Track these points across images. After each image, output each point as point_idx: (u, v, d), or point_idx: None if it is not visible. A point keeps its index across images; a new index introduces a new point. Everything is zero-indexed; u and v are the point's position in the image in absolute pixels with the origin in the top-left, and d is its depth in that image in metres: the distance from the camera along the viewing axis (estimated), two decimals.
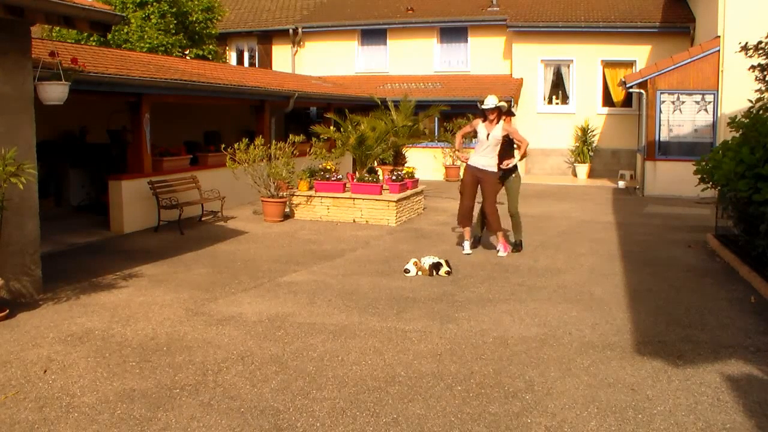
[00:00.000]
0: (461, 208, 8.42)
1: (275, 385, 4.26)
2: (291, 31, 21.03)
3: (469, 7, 20.42)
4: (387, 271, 7.45)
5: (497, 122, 8.17)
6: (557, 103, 19.28)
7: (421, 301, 6.23)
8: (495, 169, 8.27)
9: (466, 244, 8.47)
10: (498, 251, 8.34)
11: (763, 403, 4.00)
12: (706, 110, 14.44)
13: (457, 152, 8.66)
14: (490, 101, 8.17)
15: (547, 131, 18.94)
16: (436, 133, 18.34)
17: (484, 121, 8.26)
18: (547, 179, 18.11)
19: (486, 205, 8.32)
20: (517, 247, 8.60)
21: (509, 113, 8.83)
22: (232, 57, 22.30)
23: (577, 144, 18.62)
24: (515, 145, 8.55)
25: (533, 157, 19.23)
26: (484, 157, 8.24)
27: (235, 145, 10.91)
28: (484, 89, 18.07)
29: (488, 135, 8.18)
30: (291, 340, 5.11)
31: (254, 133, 12.51)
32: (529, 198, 14.26)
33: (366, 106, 16.28)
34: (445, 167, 18.25)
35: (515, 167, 8.59)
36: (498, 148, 8.22)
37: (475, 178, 8.30)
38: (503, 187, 8.60)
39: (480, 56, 19.88)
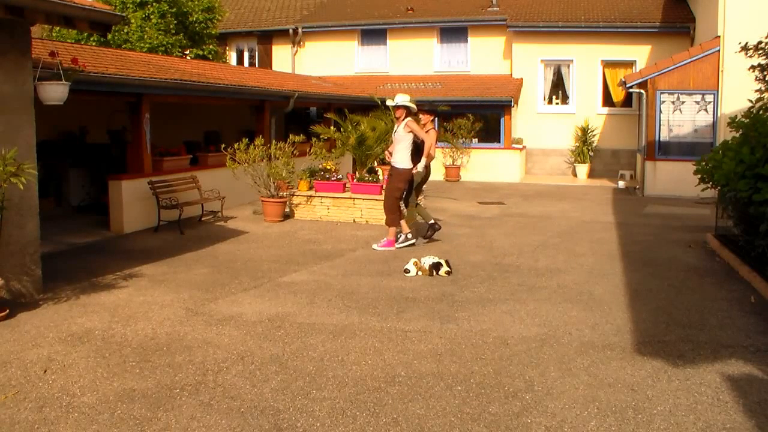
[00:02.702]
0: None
1: (275, 385, 4.26)
2: (291, 31, 21.03)
3: (469, 7, 20.43)
4: (387, 271, 7.45)
5: (402, 120, 8.49)
6: (557, 103, 19.28)
7: (421, 301, 6.23)
8: (402, 166, 8.56)
9: (401, 237, 8.69)
10: (376, 244, 8.65)
11: (763, 403, 4.00)
12: (706, 110, 14.44)
13: (387, 152, 9.07)
14: (398, 99, 8.53)
15: (547, 131, 18.95)
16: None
17: (397, 119, 8.69)
18: (547, 179, 18.12)
19: (384, 198, 8.68)
20: (432, 228, 8.94)
21: (429, 111, 9.05)
22: (232, 57, 22.30)
23: (577, 144, 18.63)
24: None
25: (533, 157, 19.25)
26: (394, 154, 8.61)
27: (235, 145, 10.91)
28: (485, 89, 18.11)
29: (395, 132, 8.62)
30: (291, 340, 5.11)
31: (254, 133, 12.51)
32: (529, 198, 14.28)
33: (366, 106, 16.26)
34: (445, 167, 18.25)
35: (428, 166, 8.96)
36: (404, 144, 8.50)
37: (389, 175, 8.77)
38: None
39: (480, 56, 19.88)
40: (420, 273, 7.23)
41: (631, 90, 15.19)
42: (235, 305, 6.03)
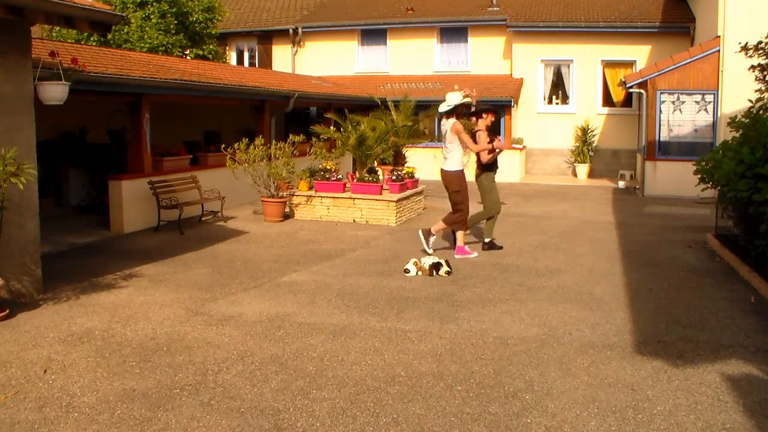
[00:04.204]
0: (468, 211, 8.26)
1: (275, 385, 4.26)
2: (291, 31, 21.04)
3: (469, 7, 20.43)
4: (387, 271, 7.45)
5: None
6: (557, 103, 19.28)
7: (421, 301, 6.23)
8: None
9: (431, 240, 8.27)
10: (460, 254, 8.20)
11: (763, 403, 4.00)
12: (706, 110, 14.44)
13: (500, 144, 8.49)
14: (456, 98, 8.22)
15: (547, 131, 18.95)
16: (436, 133, 18.34)
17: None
18: (547, 179, 18.12)
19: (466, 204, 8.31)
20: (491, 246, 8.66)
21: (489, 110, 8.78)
22: (232, 57, 22.30)
23: (577, 144, 18.63)
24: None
25: (533, 157, 19.24)
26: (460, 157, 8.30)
27: (235, 145, 10.92)
28: (485, 89, 18.06)
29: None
30: (291, 340, 5.11)
31: (254, 133, 12.51)
32: (529, 198, 14.27)
33: (366, 106, 16.27)
34: None
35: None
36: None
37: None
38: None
39: (480, 56, 19.87)
40: (420, 273, 7.23)
41: (631, 90, 15.19)
42: (235, 305, 6.03)
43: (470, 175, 8.42)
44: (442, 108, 8.20)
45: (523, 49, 19.01)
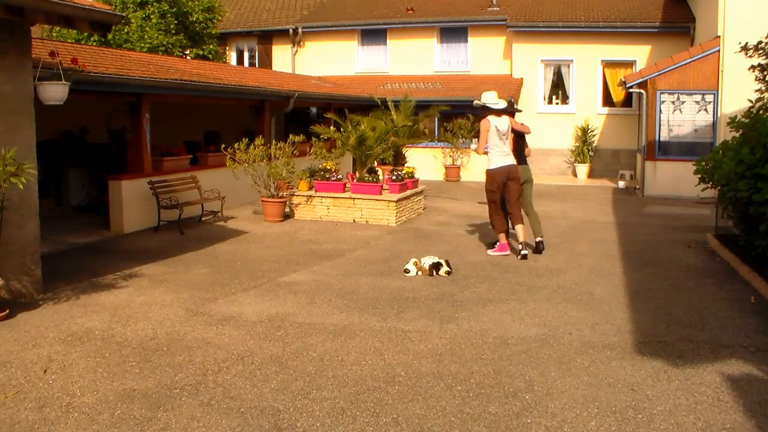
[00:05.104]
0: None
1: (275, 385, 4.26)
2: (291, 31, 21.04)
3: (469, 7, 20.43)
4: (387, 271, 7.45)
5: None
6: (557, 103, 19.28)
7: (421, 301, 6.23)
8: None
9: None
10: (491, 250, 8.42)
11: (763, 403, 4.00)
12: (706, 110, 14.44)
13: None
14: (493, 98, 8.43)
15: (547, 131, 18.92)
16: (436, 133, 18.36)
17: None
18: (547, 179, 18.08)
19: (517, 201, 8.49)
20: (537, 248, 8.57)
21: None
22: (232, 57, 22.31)
23: (577, 144, 18.62)
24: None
25: (533, 157, 19.19)
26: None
27: (235, 145, 10.91)
28: (485, 89, 18.07)
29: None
30: (291, 340, 5.11)
31: (254, 133, 12.51)
32: None
33: (366, 106, 16.28)
34: (445, 167, 18.25)
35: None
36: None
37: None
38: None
39: (480, 56, 19.88)
40: (420, 273, 7.23)
41: (631, 90, 15.18)
42: (235, 305, 6.03)
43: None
44: (497, 105, 8.38)
45: (523, 49, 19.01)
